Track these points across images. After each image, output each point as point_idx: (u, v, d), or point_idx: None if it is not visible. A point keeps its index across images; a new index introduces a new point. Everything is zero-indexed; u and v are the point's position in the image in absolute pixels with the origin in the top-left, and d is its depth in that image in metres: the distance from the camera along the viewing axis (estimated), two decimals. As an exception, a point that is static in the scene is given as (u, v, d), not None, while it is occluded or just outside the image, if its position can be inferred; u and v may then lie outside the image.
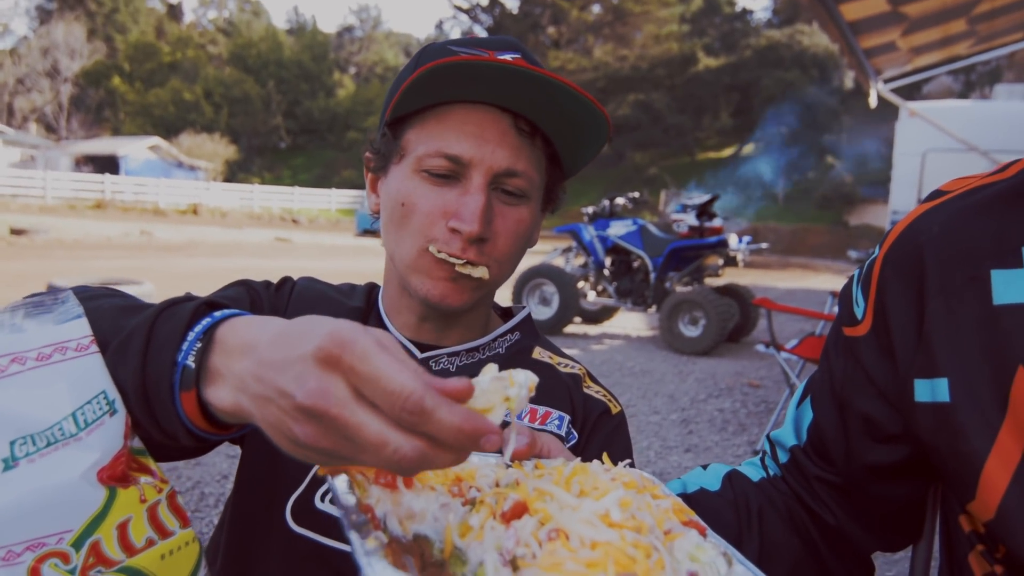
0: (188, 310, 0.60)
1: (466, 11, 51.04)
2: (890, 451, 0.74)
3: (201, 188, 31.97)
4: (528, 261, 9.55)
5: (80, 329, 0.62)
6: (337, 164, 46.72)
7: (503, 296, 10.37)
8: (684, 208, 7.88)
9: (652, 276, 7.70)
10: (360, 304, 0.99)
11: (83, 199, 27.35)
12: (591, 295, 8.27)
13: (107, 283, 6.96)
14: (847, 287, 0.79)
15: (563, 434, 0.91)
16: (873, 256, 0.76)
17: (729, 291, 7.78)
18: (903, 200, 12.11)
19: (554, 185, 0.95)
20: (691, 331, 7.09)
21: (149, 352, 0.59)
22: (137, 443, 0.63)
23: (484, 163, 0.84)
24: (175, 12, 69.60)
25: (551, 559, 0.44)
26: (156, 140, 37.33)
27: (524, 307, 1.08)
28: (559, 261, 8.58)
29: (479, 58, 0.79)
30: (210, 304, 0.62)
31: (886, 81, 7.87)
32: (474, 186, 0.84)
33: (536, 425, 0.91)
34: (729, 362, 6.84)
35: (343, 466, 0.52)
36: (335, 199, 36.61)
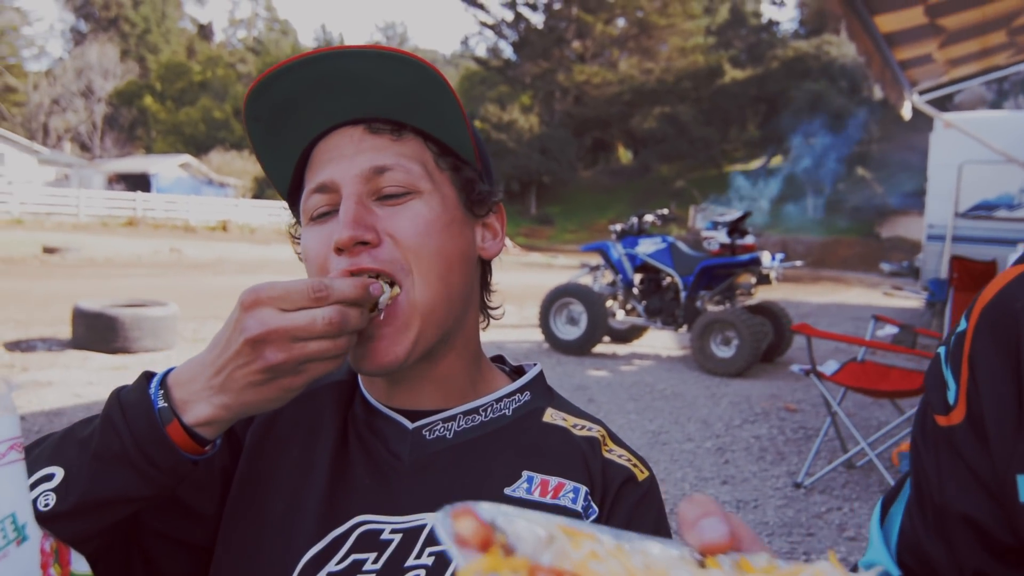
0: (137, 382, 0.70)
1: (491, 27, 51.30)
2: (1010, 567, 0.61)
3: (230, 205, 32.31)
4: (555, 279, 9.42)
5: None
6: (364, 180, 47.05)
7: (530, 314, 10.25)
8: (715, 225, 7.71)
9: (683, 295, 7.53)
10: (342, 377, 0.90)
11: (115, 216, 27.74)
12: (620, 314, 8.11)
13: (132, 303, 6.98)
14: (934, 367, 0.67)
15: (579, 509, 0.78)
16: (961, 329, 0.64)
17: (762, 310, 7.58)
18: (939, 213, 11.81)
19: (468, 183, 0.84)
20: (724, 352, 6.91)
21: (128, 417, 0.67)
22: (82, 567, 0.58)
23: (347, 175, 0.77)
24: (205, 32, 70.84)
25: None
26: (186, 158, 37.88)
27: (535, 364, 0.95)
28: (587, 279, 8.43)
29: (264, 74, 0.76)
30: (147, 374, 0.71)
31: (921, 93, 7.67)
32: (343, 199, 0.77)
33: (548, 499, 0.78)
34: (764, 384, 6.64)
35: None
36: (362, 214, 36.77)
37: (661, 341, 9.00)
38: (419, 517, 0.77)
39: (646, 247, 7.78)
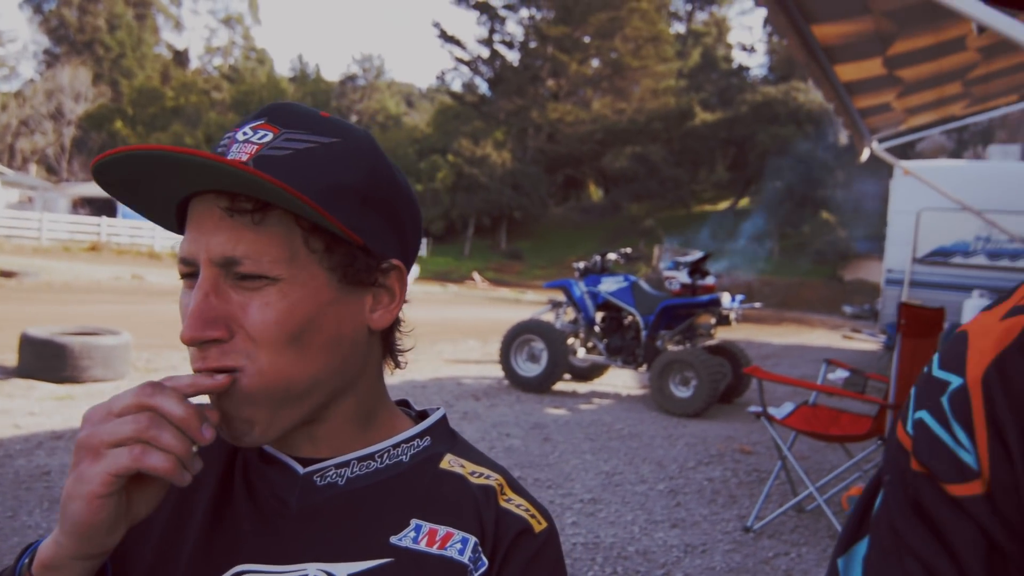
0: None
1: (467, 63, 51.86)
2: None
3: (197, 232, 31.89)
4: (523, 315, 9.38)
5: None
6: (335, 210, 46.90)
7: (493, 350, 10.19)
8: (676, 265, 7.77)
9: (643, 334, 7.55)
10: None
11: (78, 241, 27.26)
12: (581, 352, 8.10)
13: (82, 331, 6.81)
14: (926, 432, 0.59)
15: (466, 561, 0.75)
16: (955, 385, 0.58)
17: (721, 350, 7.61)
18: (898, 258, 12.06)
19: (346, 256, 0.76)
20: (682, 392, 6.91)
21: None
22: None
23: (203, 257, 0.72)
24: (181, 58, 70.68)
25: None
26: (155, 183, 37.42)
27: (439, 408, 0.92)
28: (549, 316, 8.43)
29: (137, 148, 0.67)
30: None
31: (880, 140, 7.85)
32: (196, 286, 0.72)
33: (434, 550, 0.75)
34: (721, 425, 6.64)
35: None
36: (331, 245, 36.62)
37: (622, 380, 8.99)
38: (302, 567, 0.74)
39: (608, 285, 7.80)
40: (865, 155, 7.70)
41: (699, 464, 5.27)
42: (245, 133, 0.74)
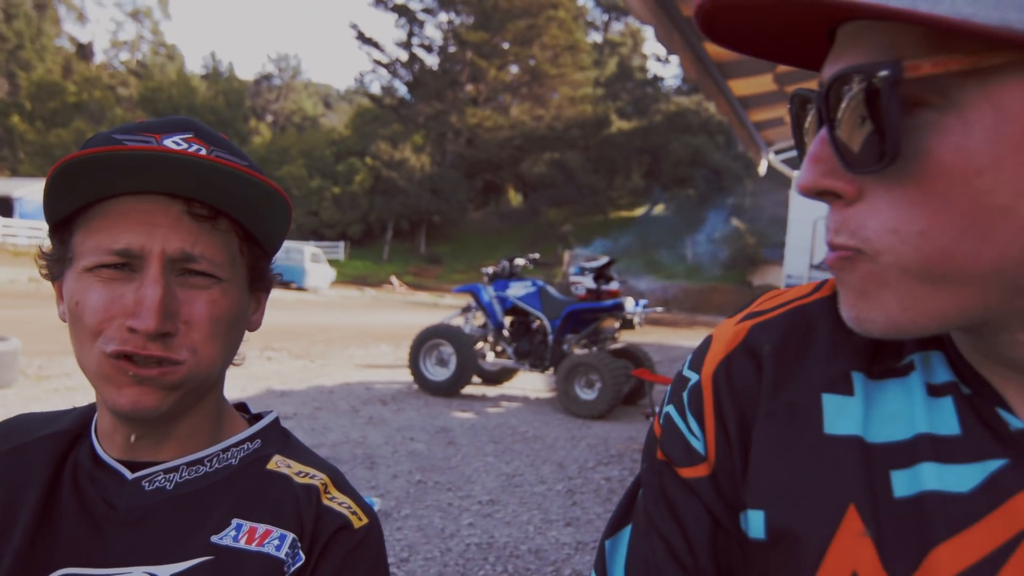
0: None
1: (386, 66, 51.43)
2: None
3: (101, 233, 30.58)
4: (415, 317, 9.40)
5: None
6: (249, 212, 45.66)
7: (405, 354, 10.18)
8: (582, 271, 7.95)
9: (550, 338, 7.69)
10: (66, 427, 0.87)
11: (-31, 242, 25.79)
12: (490, 356, 8.19)
13: (-34, 337, 6.49)
14: (670, 424, 0.66)
15: (283, 556, 0.80)
16: (693, 381, 0.66)
17: (626, 353, 7.83)
18: (796, 265, 12.58)
19: (257, 263, 0.87)
20: (587, 394, 7.08)
21: None
22: None
23: (156, 251, 0.76)
24: (84, 52, 67.58)
25: None
26: (55, 182, 35.63)
27: (272, 412, 0.98)
28: (459, 321, 8.49)
29: (137, 147, 0.72)
30: None
31: (777, 152, 8.22)
32: (149, 278, 0.75)
33: (252, 547, 0.80)
34: (623, 426, 6.84)
35: None
36: (245, 248, 35.68)
37: (531, 383, 9.13)
38: (127, 570, 0.77)
39: (516, 290, 7.93)
40: (763, 167, 8.06)
41: (598, 464, 5.42)
42: (178, 143, 0.77)
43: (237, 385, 7.15)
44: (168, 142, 0.77)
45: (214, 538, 0.80)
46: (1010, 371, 0.52)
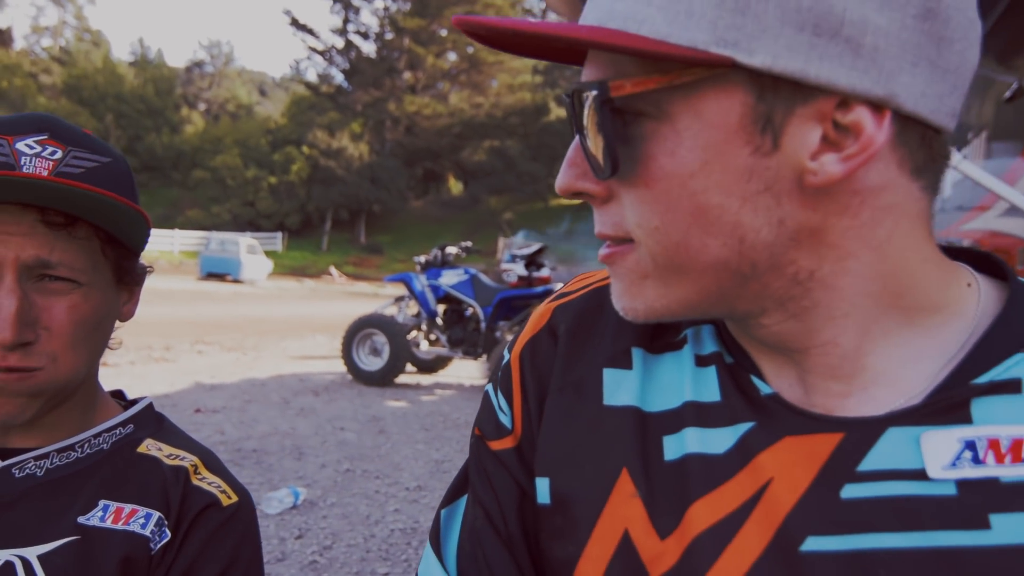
0: None
1: (321, 53, 50.61)
2: None
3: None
4: (354, 307, 9.36)
5: None
6: (182, 203, 44.58)
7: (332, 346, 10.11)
8: (513, 258, 8.03)
9: (483, 325, 7.76)
10: None
11: None
12: (424, 345, 8.22)
13: None
14: (486, 400, 0.73)
15: (148, 534, 0.84)
16: (505, 360, 0.71)
17: (558, 339, 7.94)
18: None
19: (122, 262, 0.88)
20: (519, 380, 7.16)
21: None
22: None
23: (11, 259, 0.77)
24: (3, 38, 64.72)
25: None
26: (-27, 174, 34.20)
27: (145, 398, 1.01)
28: (392, 310, 8.49)
29: None
30: None
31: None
32: (5, 288, 0.76)
33: (119, 526, 0.84)
34: (555, 410, 6.95)
35: None
36: (179, 240, 34.83)
37: (466, 371, 9.19)
38: None
39: (449, 278, 7.96)
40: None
41: (527, 448, 5.52)
42: (31, 146, 0.78)
43: (165, 380, 7.03)
44: (21, 145, 0.78)
45: (80, 519, 0.84)
46: (762, 345, 0.58)
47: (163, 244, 33.69)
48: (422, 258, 8.28)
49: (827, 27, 0.44)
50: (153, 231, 0.92)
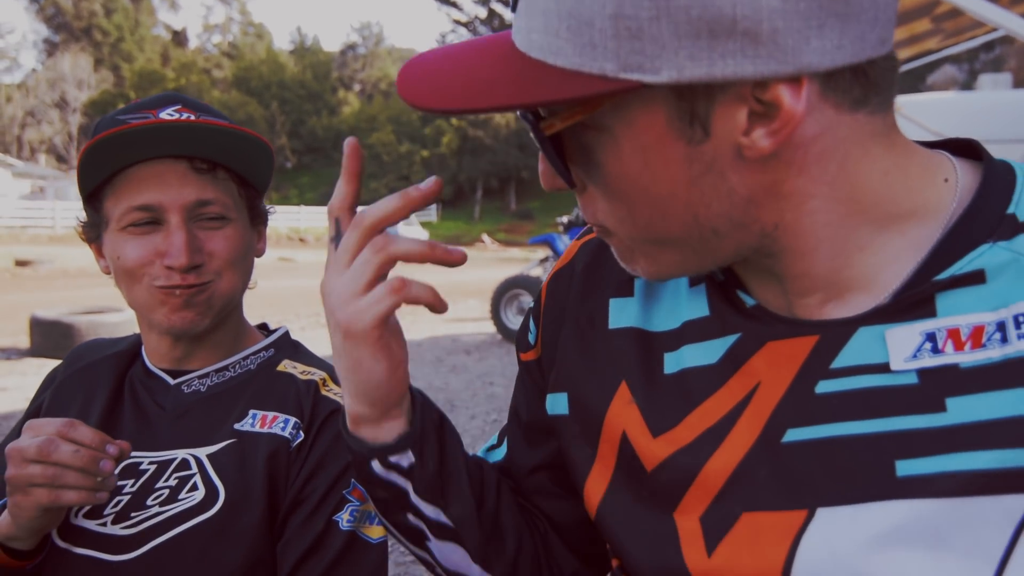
0: None
1: (465, 24, 51.43)
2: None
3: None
4: (506, 272, 9.59)
5: None
6: (343, 181, 46.99)
7: (480, 309, 10.42)
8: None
9: (627, 282, 7.75)
10: (124, 348, 1.13)
11: (91, 227, 27.61)
12: (569, 303, 8.33)
13: (89, 311, 7.15)
14: (525, 319, 0.86)
15: (287, 435, 1.02)
16: (538, 292, 0.84)
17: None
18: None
19: (253, 202, 1.10)
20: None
21: None
22: None
23: (175, 203, 0.98)
24: (180, 39, 70.54)
25: None
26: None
27: (283, 327, 1.20)
28: (537, 271, 8.66)
29: (141, 123, 0.94)
30: None
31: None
32: (173, 225, 0.98)
33: (264, 429, 1.02)
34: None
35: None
36: (341, 216, 36.82)
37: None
38: (172, 452, 1.01)
39: (591, 237, 8.00)
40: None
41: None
42: (171, 114, 1.00)
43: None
44: (163, 115, 0.99)
45: (236, 425, 1.03)
46: (747, 266, 0.64)
47: (324, 220, 35.67)
48: (564, 218, 8.37)
49: (721, 28, 0.47)
50: (317, 208, 1.12)
